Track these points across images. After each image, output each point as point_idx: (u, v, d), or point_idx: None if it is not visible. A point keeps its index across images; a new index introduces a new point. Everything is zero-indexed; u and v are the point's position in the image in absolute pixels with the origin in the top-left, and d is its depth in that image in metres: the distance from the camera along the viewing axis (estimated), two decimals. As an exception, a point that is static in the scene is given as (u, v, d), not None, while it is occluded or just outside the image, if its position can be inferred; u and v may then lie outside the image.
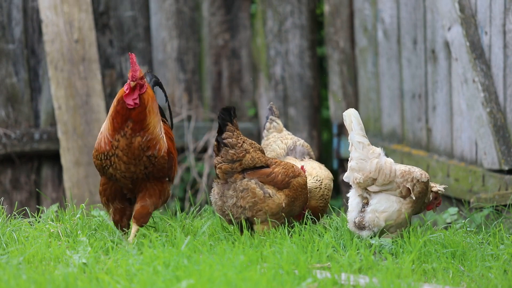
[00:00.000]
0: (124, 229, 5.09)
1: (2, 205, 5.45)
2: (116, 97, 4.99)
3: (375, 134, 7.56)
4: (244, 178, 5.16)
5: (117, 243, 4.94)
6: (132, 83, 4.95)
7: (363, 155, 5.17)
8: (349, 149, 5.25)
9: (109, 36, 7.78)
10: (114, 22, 7.79)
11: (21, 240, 4.90)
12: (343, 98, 7.90)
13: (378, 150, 5.20)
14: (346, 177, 5.22)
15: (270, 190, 5.16)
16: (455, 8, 6.44)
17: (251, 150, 5.18)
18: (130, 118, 4.96)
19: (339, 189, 7.91)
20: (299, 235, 5.03)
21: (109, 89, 7.79)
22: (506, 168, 6.22)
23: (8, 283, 4.11)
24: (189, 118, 7.92)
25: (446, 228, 6.11)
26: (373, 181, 5.15)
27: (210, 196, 5.29)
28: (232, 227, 5.52)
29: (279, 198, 5.16)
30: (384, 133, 7.52)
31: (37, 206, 7.34)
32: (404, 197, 5.17)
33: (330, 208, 5.72)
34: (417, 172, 5.19)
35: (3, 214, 5.27)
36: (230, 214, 5.15)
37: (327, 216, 5.72)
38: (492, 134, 6.26)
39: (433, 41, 6.91)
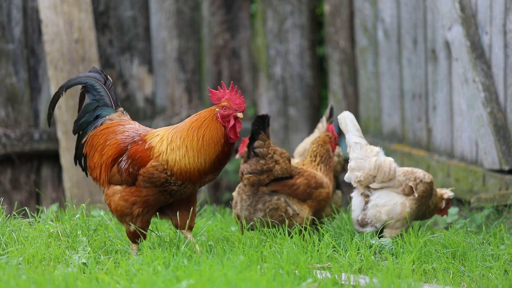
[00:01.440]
0: (140, 240, 4.79)
1: (2, 205, 5.44)
2: (211, 130, 4.63)
3: (375, 134, 7.55)
4: (270, 192, 5.15)
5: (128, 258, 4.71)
6: (240, 115, 4.65)
7: (361, 155, 5.22)
8: (347, 150, 5.27)
9: (109, 36, 7.77)
10: (114, 22, 7.78)
11: (20, 240, 4.90)
12: (343, 98, 7.89)
13: (377, 148, 5.25)
14: (347, 177, 5.26)
15: (295, 206, 5.16)
16: (456, 8, 6.44)
17: (281, 160, 5.16)
18: (229, 156, 4.70)
19: (339, 189, 7.89)
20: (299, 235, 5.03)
21: (109, 89, 7.78)
22: (507, 168, 6.22)
23: (8, 283, 4.10)
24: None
25: (446, 228, 6.10)
26: (374, 178, 5.19)
27: (238, 202, 5.24)
28: (234, 228, 5.52)
29: (304, 212, 5.17)
30: (384, 133, 7.52)
31: (37, 206, 7.34)
32: (407, 195, 5.21)
33: (333, 207, 5.71)
34: (420, 172, 5.25)
35: (2, 214, 5.26)
36: (257, 223, 5.17)
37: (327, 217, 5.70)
38: (492, 134, 6.25)
39: (433, 41, 6.91)
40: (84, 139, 4.88)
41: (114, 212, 4.74)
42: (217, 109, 4.65)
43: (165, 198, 4.71)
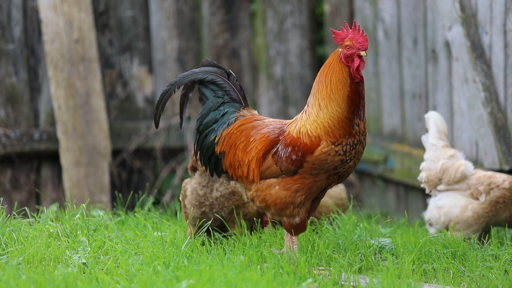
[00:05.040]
0: (301, 232, 4.62)
1: (2, 205, 5.43)
2: (336, 72, 4.46)
3: (375, 134, 7.55)
4: (228, 177, 5.02)
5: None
6: (364, 53, 4.46)
7: (433, 157, 5.37)
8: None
9: (109, 36, 7.77)
10: (114, 22, 7.78)
11: (20, 240, 4.89)
12: (343, 98, 7.89)
13: (452, 151, 5.33)
14: (420, 177, 5.43)
15: None
16: (456, 8, 6.44)
17: None
18: (361, 95, 4.48)
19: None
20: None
21: (108, 89, 7.78)
22: (507, 168, 6.22)
23: (8, 283, 4.10)
24: (189, 118, 7.91)
25: (446, 228, 6.10)
26: (440, 180, 5.26)
27: (187, 186, 5.12)
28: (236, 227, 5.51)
29: None
30: (385, 133, 7.51)
31: (37, 206, 7.33)
32: (476, 199, 5.24)
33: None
34: (499, 178, 5.24)
35: (2, 214, 5.26)
36: (210, 206, 5.02)
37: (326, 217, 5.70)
38: (492, 134, 6.25)
39: (433, 41, 6.90)
40: (216, 138, 4.66)
41: (271, 206, 4.52)
42: (340, 50, 4.50)
43: (327, 183, 4.53)
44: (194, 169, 5.07)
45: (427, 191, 5.41)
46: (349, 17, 7.79)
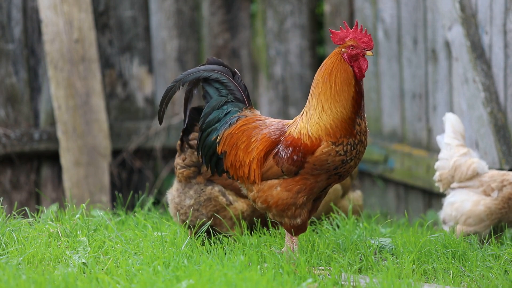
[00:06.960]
0: (301, 232, 4.61)
1: (2, 205, 5.43)
2: (341, 73, 4.45)
3: (375, 134, 7.55)
4: (206, 181, 4.98)
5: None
6: (370, 53, 4.44)
7: (447, 155, 5.40)
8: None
9: (109, 36, 7.77)
10: (114, 22, 7.78)
11: (20, 240, 4.89)
12: (343, 98, 7.89)
13: (465, 150, 5.37)
14: (435, 176, 5.45)
15: (231, 197, 5.03)
16: (456, 8, 6.44)
17: None
18: (362, 95, 4.46)
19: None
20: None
21: (108, 89, 7.78)
22: (507, 168, 6.22)
23: (8, 283, 4.10)
24: (189, 118, 7.91)
25: (446, 228, 6.10)
26: (452, 178, 5.34)
27: (167, 193, 5.13)
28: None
29: (239, 205, 5.02)
30: (385, 133, 7.51)
31: (37, 206, 7.33)
32: (488, 196, 5.25)
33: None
34: None
35: (2, 214, 5.26)
36: (185, 214, 4.99)
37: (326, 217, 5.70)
38: (492, 134, 6.25)
39: (433, 41, 6.90)
40: (217, 138, 4.65)
41: (273, 207, 4.50)
42: (342, 50, 4.48)
43: (328, 183, 4.51)
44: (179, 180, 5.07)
45: (441, 190, 5.42)
46: (349, 17, 7.79)
